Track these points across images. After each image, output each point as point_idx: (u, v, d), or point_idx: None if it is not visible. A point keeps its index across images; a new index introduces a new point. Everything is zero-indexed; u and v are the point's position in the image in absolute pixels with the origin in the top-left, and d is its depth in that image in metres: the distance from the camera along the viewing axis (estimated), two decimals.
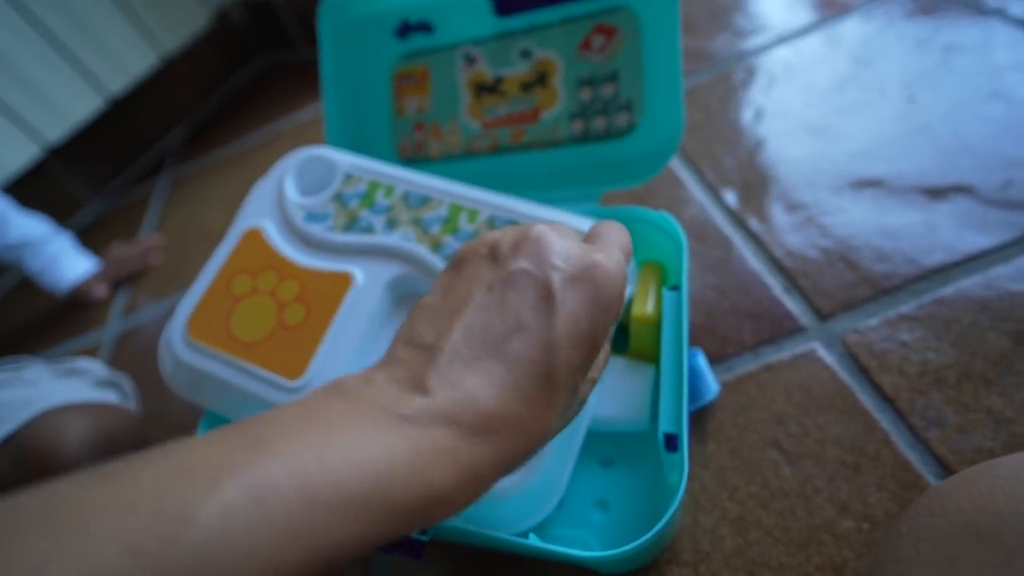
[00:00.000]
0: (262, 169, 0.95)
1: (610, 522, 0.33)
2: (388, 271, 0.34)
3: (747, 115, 0.54)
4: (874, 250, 0.40)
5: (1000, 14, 0.52)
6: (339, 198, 0.37)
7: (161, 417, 0.53)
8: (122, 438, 0.45)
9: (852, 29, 0.58)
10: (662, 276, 0.39)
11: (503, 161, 0.46)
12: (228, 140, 0.96)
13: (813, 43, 0.58)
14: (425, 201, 0.36)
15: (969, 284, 0.37)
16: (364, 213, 0.36)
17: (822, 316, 0.38)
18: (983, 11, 0.53)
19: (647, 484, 0.33)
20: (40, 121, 0.78)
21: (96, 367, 0.51)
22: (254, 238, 0.37)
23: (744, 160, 0.50)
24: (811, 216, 0.44)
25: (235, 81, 1.11)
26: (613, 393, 0.35)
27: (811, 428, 0.34)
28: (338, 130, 0.49)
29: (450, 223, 0.34)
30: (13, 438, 0.41)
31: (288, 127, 0.90)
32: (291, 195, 0.38)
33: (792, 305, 0.40)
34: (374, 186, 0.37)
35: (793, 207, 0.45)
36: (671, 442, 0.29)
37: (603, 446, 0.36)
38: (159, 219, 0.86)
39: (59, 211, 0.87)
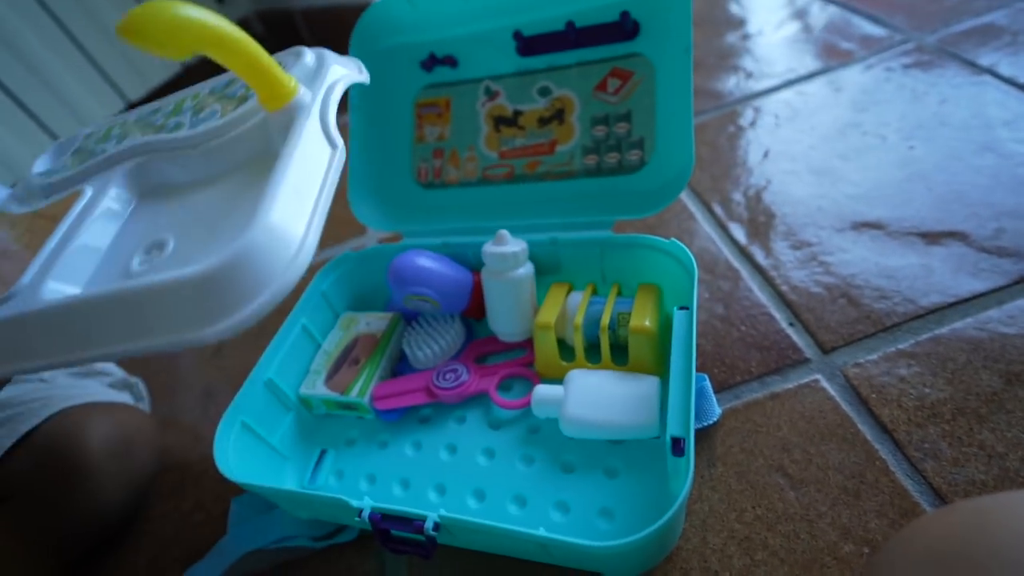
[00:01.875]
0: None
1: (615, 531, 0.34)
2: (120, 171, 0.34)
3: (754, 154, 0.57)
4: (874, 289, 0.42)
5: (992, 72, 0.55)
6: (77, 150, 0.38)
7: (173, 422, 0.54)
8: (140, 439, 0.46)
9: (853, 78, 0.61)
10: (659, 296, 0.41)
11: (518, 189, 0.48)
12: None
13: (817, 88, 0.62)
14: (154, 111, 0.37)
15: (963, 325, 0.39)
16: (99, 147, 0.37)
17: (825, 349, 0.40)
18: (977, 69, 0.56)
19: (652, 493, 0.35)
20: (60, 125, 0.80)
21: (113, 368, 0.52)
22: None
23: (752, 197, 0.53)
24: (815, 254, 0.46)
25: None
26: (623, 402, 0.37)
27: (814, 455, 0.36)
28: (360, 151, 0.51)
29: (175, 109, 0.36)
30: (32, 435, 0.42)
31: None
32: (36, 166, 0.39)
33: (797, 337, 0.42)
34: (110, 127, 0.38)
35: (797, 244, 0.47)
36: (678, 444, 0.31)
37: (608, 456, 0.37)
38: None
39: None
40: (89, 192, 0.34)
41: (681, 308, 0.37)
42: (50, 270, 0.31)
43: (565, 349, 0.43)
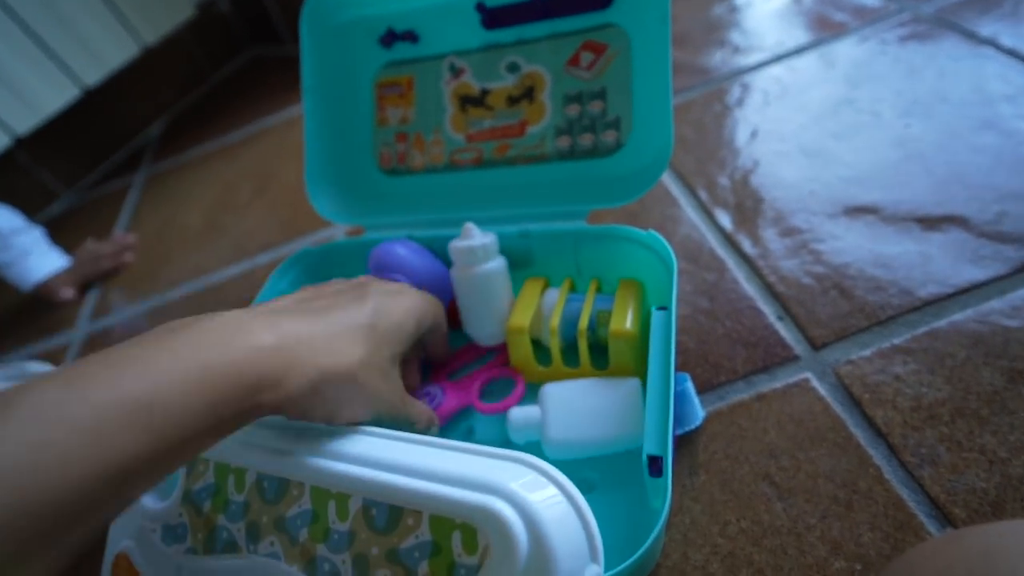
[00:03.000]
0: (245, 167, 0.92)
1: None
2: None
3: (742, 134, 0.54)
4: (868, 279, 0.40)
5: (992, 44, 0.52)
6: (189, 498, 0.29)
7: None
8: None
9: (846, 51, 0.58)
10: (641, 293, 0.38)
11: (487, 175, 0.45)
12: (210, 136, 0.94)
13: (808, 63, 0.58)
14: (283, 490, 0.27)
15: (962, 318, 0.36)
16: (221, 520, 0.28)
17: (815, 345, 0.38)
18: (977, 40, 0.53)
19: (631, 509, 0.32)
20: (10, 111, 0.75)
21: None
22: (123, 566, 0.29)
23: (738, 180, 0.50)
24: (805, 241, 0.43)
25: (219, 75, 1.08)
26: (606, 414, 0.34)
27: (803, 462, 0.33)
28: (317, 137, 0.47)
29: (318, 522, 0.26)
30: None
31: (273, 124, 0.88)
32: (142, 501, 0.30)
33: (785, 333, 0.39)
34: (222, 474, 0.29)
35: (787, 231, 0.45)
36: (655, 464, 0.28)
37: (585, 469, 0.34)
38: (134, 216, 0.83)
39: (29, 203, 0.83)
40: None
41: (660, 308, 0.34)
42: None
43: (541, 351, 0.40)
